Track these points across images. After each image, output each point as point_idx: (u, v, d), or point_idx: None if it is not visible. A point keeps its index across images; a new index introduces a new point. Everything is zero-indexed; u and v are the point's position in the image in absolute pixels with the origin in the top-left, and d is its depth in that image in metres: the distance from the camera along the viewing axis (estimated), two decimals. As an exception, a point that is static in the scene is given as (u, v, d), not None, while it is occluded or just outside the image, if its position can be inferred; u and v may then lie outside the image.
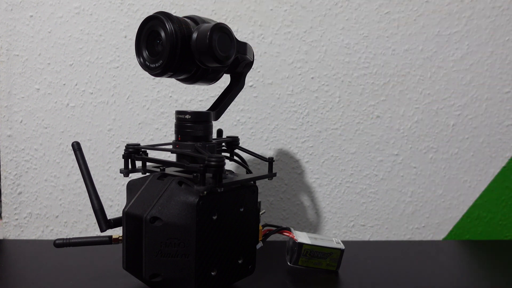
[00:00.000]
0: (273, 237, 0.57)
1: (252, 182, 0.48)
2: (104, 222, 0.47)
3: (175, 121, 0.49)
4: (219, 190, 0.42)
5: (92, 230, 0.71)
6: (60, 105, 0.68)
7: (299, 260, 0.55)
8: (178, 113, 0.48)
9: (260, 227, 0.52)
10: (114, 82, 0.69)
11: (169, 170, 0.48)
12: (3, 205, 0.70)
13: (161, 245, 0.42)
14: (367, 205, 0.74)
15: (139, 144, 0.50)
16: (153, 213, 0.42)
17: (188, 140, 0.47)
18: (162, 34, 0.43)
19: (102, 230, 0.47)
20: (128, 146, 0.49)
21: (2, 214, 0.70)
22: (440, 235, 0.75)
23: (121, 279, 0.51)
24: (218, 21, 0.47)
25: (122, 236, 0.46)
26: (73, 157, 0.49)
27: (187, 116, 0.47)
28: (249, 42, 0.52)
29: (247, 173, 0.54)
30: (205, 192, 0.42)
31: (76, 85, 0.68)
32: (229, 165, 0.67)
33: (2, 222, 0.70)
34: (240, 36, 0.68)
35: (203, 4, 0.68)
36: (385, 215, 0.74)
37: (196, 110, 0.48)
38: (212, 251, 0.44)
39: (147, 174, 0.48)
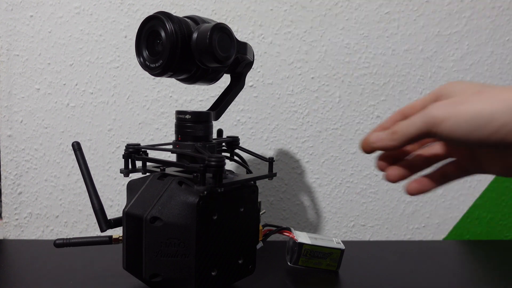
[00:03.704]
0: (273, 237, 0.57)
1: (252, 182, 0.48)
2: (104, 222, 0.47)
3: (175, 121, 0.49)
4: (219, 190, 0.42)
5: (92, 230, 0.71)
6: (60, 105, 0.68)
7: (299, 260, 0.55)
8: (178, 113, 0.48)
9: (260, 227, 0.52)
10: (114, 82, 0.69)
11: (169, 170, 0.48)
12: (3, 205, 0.70)
13: (161, 245, 0.42)
14: (367, 205, 0.74)
15: (139, 144, 0.50)
16: (153, 213, 0.42)
17: (188, 140, 0.47)
18: (162, 34, 0.43)
19: (102, 230, 0.47)
20: (128, 146, 0.49)
21: (2, 214, 0.70)
22: (440, 235, 0.75)
23: (121, 279, 0.51)
24: (218, 21, 0.47)
25: (122, 236, 0.46)
26: (73, 157, 0.49)
27: (187, 116, 0.47)
28: (249, 42, 0.52)
29: (247, 173, 0.54)
30: (205, 192, 0.42)
31: (76, 85, 0.68)
32: (229, 165, 0.67)
33: (2, 222, 0.70)
34: (240, 36, 0.68)
35: (203, 4, 0.68)
36: (385, 215, 0.74)
37: (196, 110, 0.48)
38: (212, 251, 0.44)
39: (147, 174, 0.48)
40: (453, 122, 0.28)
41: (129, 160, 0.49)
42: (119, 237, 0.48)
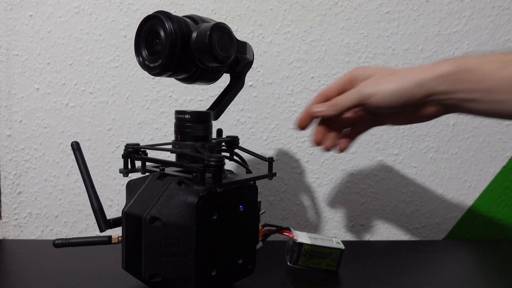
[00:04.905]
0: (273, 237, 0.57)
1: (252, 182, 0.48)
2: (103, 222, 0.47)
3: (174, 121, 0.49)
4: (218, 190, 0.42)
5: (92, 230, 0.71)
6: (60, 104, 0.68)
7: (299, 260, 0.55)
8: (178, 112, 0.48)
9: (260, 227, 0.52)
10: (114, 82, 0.68)
11: (169, 170, 0.48)
12: (2, 205, 0.70)
13: (160, 245, 0.42)
14: (367, 205, 0.74)
15: (138, 144, 0.49)
16: (153, 213, 0.42)
17: (188, 140, 0.47)
18: (162, 33, 0.43)
19: (101, 230, 0.47)
20: (127, 146, 0.49)
21: (2, 214, 0.70)
22: (440, 235, 0.75)
23: (121, 279, 0.51)
24: (218, 20, 0.46)
25: (122, 236, 0.46)
26: (73, 157, 0.49)
27: (186, 116, 0.47)
28: (249, 42, 0.52)
29: (247, 173, 0.54)
30: (204, 192, 0.42)
31: (75, 84, 0.68)
32: (229, 165, 0.67)
33: (2, 222, 0.70)
34: (240, 35, 0.68)
35: (203, 3, 0.68)
36: (385, 215, 0.74)
37: (195, 110, 0.48)
38: (212, 251, 0.44)
39: (147, 174, 0.48)
40: (379, 96, 0.41)
41: (129, 160, 0.49)
42: (119, 237, 0.48)
